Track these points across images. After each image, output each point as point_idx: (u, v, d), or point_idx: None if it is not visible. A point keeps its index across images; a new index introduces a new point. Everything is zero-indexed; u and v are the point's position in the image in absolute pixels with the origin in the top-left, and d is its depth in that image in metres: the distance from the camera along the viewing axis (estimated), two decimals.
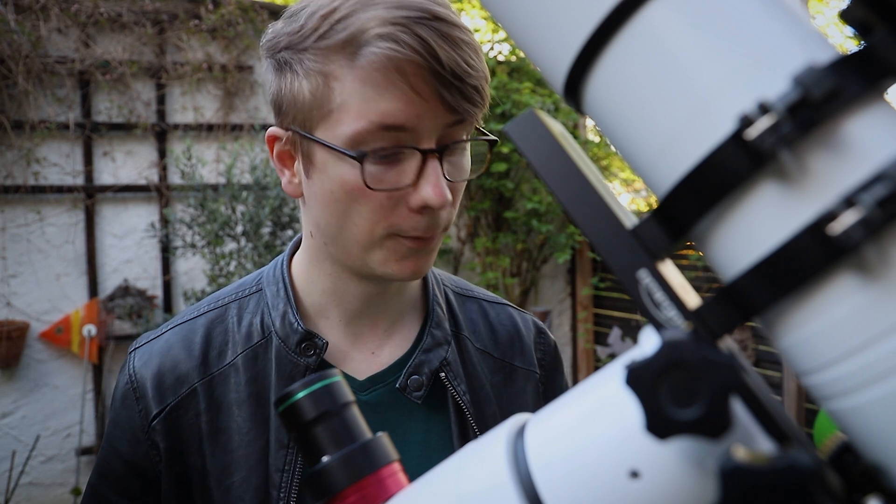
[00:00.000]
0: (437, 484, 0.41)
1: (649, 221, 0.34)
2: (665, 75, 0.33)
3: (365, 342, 0.81)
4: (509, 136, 0.38)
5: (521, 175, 4.40)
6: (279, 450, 0.73)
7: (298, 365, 0.75)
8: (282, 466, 0.73)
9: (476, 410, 0.79)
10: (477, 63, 0.69)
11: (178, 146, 3.86)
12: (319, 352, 0.76)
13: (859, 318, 0.29)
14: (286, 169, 0.76)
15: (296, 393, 0.48)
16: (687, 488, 0.34)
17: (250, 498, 0.72)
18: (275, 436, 0.74)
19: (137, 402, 0.76)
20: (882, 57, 0.29)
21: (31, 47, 3.49)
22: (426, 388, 0.78)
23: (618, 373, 0.36)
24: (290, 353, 0.76)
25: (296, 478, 0.72)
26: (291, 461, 0.73)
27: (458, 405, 0.78)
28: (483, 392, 0.81)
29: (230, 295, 0.83)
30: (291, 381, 0.75)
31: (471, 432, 0.77)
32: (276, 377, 0.75)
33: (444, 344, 0.81)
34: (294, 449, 0.73)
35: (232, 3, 3.84)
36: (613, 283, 4.65)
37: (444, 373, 0.79)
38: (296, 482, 0.72)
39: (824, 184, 0.29)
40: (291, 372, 0.75)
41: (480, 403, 0.80)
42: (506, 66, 4.50)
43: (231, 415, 0.75)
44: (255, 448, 0.74)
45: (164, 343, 0.79)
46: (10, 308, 3.60)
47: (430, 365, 0.79)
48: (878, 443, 0.30)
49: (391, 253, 0.71)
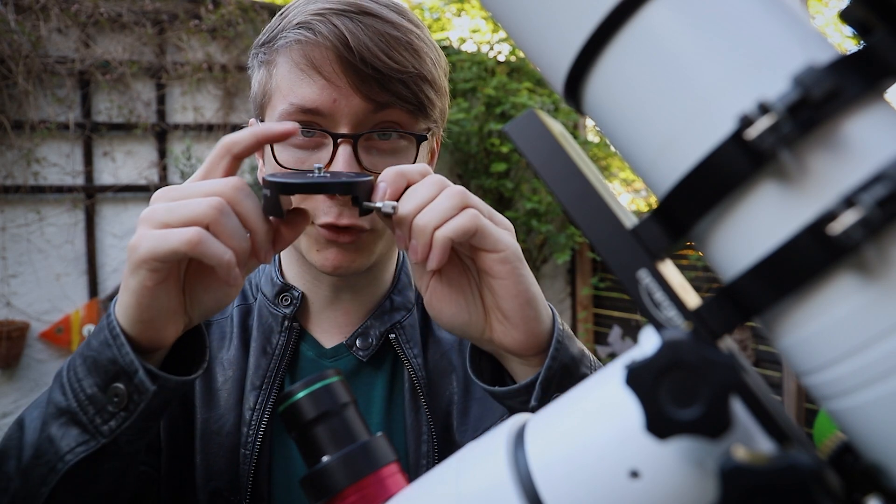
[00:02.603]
0: (437, 484, 0.42)
1: (649, 221, 0.34)
2: (665, 75, 0.33)
3: (339, 326, 0.84)
4: (509, 136, 0.38)
5: (520, 175, 4.41)
6: (252, 390, 0.79)
7: (276, 315, 0.82)
8: (253, 405, 0.78)
9: (428, 375, 0.81)
10: (406, 59, 0.72)
11: (178, 146, 3.86)
12: (296, 302, 0.82)
13: (859, 318, 0.29)
14: (260, 158, 0.83)
15: (296, 393, 0.48)
16: (687, 488, 0.34)
17: (226, 433, 0.78)
18: (250, 378, 0.79)
19: None
20: (882, 57, 0.29)
21: (31, 47, 3.49)
22: (374, 348, 0.81)
23: (618, 373, 0.36)
24: (269, 305, 0.83)
25: (264, 417, 0.77)
26: (263, 401, 0.78)
27: (408, 369, 0.81)
28: (444, 360, 0.83)
29: None
30: (270, 330, 0.82)
31: (419, 396, 0.80)
32: (257, 326, 0.82)
33: (401, 309, 0.84)
34: (266, 390, 0.78)
35: (232, 3, 3.84)
36: (613, 282, 4.65)
37: (394, 334, 0.82)
38: (264, 421, 0.77)
39: (824, 184, 0.29)
40: (270, 322, 0.82)
41: (437, 369, 0.82)
42: (506, 66, 4.50)
43: (219, 358, 0.81)
44: (235, 389, 0.79)
45: None
46: (10, 308, 3.60)
47: (379, 328, 0.82)
48: (878, 443, 0.30)
49: (313, 242, 0.76)
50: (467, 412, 0.80)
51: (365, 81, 0.70)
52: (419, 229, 0.58)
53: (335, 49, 0.69)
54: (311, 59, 0.70)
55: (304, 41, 0.70)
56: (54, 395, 0.62)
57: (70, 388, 0.61)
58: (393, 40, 0.71)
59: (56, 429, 0.61)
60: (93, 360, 0.60)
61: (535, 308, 0.63)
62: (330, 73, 0.70)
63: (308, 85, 0.71)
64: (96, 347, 0.60)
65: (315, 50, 0.70)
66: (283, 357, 0.80)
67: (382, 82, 0.70)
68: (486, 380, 0.68)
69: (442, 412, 0.80)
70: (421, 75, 0.73)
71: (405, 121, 0.74)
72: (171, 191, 0.57)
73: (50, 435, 0.61)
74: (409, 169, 0.61)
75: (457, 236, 0.58)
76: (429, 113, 0.76)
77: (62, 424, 0.61)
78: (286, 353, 0.80)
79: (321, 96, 0.70)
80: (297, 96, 0.71)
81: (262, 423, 0.77)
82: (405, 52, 0.72)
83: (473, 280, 0.65)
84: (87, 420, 0.60)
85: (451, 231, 0.58)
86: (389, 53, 0.70)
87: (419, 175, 0.61)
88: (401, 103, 0.72)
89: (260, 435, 0.77)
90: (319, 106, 0.71)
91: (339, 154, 0.71)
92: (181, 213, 0.55)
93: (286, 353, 0.80)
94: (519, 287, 0.61)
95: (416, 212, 0.59)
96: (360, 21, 0.70)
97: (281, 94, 0.73)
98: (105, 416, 0.59)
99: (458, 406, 0.81)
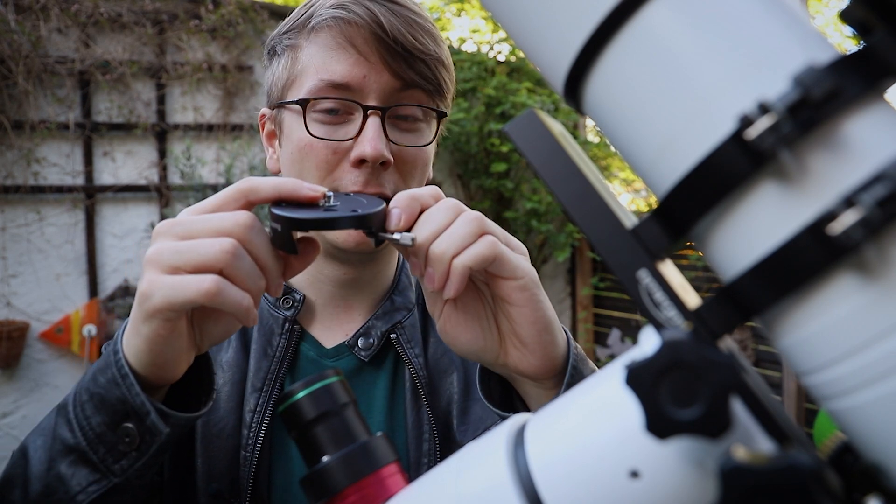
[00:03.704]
0: (437, 484, 0.41)
1: (649, 221, 0.34)
2: (665, 75, 0.33)
3: (341, 324, 0.85)
4: (509, 136, 0.37)
5: (520, 175, 4.41)
6: (252, 392, 0.79)
7: (277, 317, 0.82)
8: (253, 407, 0.78)
9: (429, 375, 0.81)
10: (428, 43, 0.76)
11: (177, 146, 3.86)
12: (297, 305, 0.82)
13: (859, 318, 0.29)
14: (270, 147, 0.85)
15: (296, 393, 0.48)
16: (687, 488, 0.34)
17: (227, 436, 0.78)
18: (251, 381, 0.79)
19: None
20: (882, 57, 0.29)
21: (31, 47, 3.49)
22: (375, 348, 0.82)
23: (618, 373, 0.36)
24: (270, 308, 0.83)
25: (265, 419, 0.77)
26: (263, 403, 0.78)
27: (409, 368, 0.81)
28: (445, 357, 0.83)
29: None
30: (271, 332, 0.82)
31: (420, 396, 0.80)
32: (258, 328, 0.82)
33: (402, 310, 0.85)
34: (267, 392, 0.78)
35: (232, 3, 3.84)
36: (613, 283, 4.65)
37: (395, 334, 0.82)
38: (265, 423, 0.77)
39: (824, 184, 0.29)
40: (270, 324, 0.82)
41: (438, 368, 0.82)
42: (506, 66, 4.49)
43: (219, 360, 0.81)
44: (235, 391, 0.79)
45: None
46: (11, 308, 3.60)
47: (381, 327, 0.82)
48: (878, 443, 0.30)
49: None
50: (467, 412, 0.80)
51: (395, 58, 0.74)
52: (436, 257, 0.56)
53: (370, 27, 0.73)
54: (346, 34, 0.74)
55: (342, 18, 0.74)
56: (60, 431, 0.61)
57: (78, 424, 0.59)
58: (417, 25, 0.76)
59: (65, 467, 0.60)
60: (100, 398, 0.58)
61: (551, 333, 0.62)
62: (364, 48, 0.73)
63: (340, 61, 0.74)
64: (104, 385, 0.58)
65: (350, 27, 0.74)
66: (283, 359, 0.80)
67: (409, 61, 0.75)
68: (496, 401, 0.68)
69: (443, 411, 0.80)
70: (440, 59, 0.78)
71: (425, 101, 0.78)
72: (177, 226, 0.55)
73: (59, 473, 0.60)
74: (421, 193, 0.60)
75: (476, 265, 0.56)
76: (444, 95, 0.80)
77: (71, 463, 0.59)
78: (287, 355, 0.80)
79: (352, 71, 0.74)
80: (328, 72, 0.74)
81: (263, 425, 0.77)
82: (428, 36, 0.77)
83: (488, 305, 0.64)
84: (97, 459, 0.58)
85: (470, 260, 0.56)
86: (415, 36, 0.75)
87: (432, 199, 0.60)
88: (423, 83, 0.76)
89: (261, 437, 0.77)
90: (350, 81, 0.74)
91: (368, 125, 0.74)
92: (192, 258, 0.52)
93: (287, 355, 0.80)
94: (537, 314, 0.61)
95: (432, 239, 0.57)
96: (388, 6, 0.75)
97: (311, 71, 0.75)
98: (116, 455, 0.58)
99: (458, 405, 0.81)
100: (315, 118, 0.75)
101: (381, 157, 0.73)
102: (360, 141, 0.74)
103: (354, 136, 0.74)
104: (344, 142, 0.74)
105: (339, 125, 0.75)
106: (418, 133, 0.78)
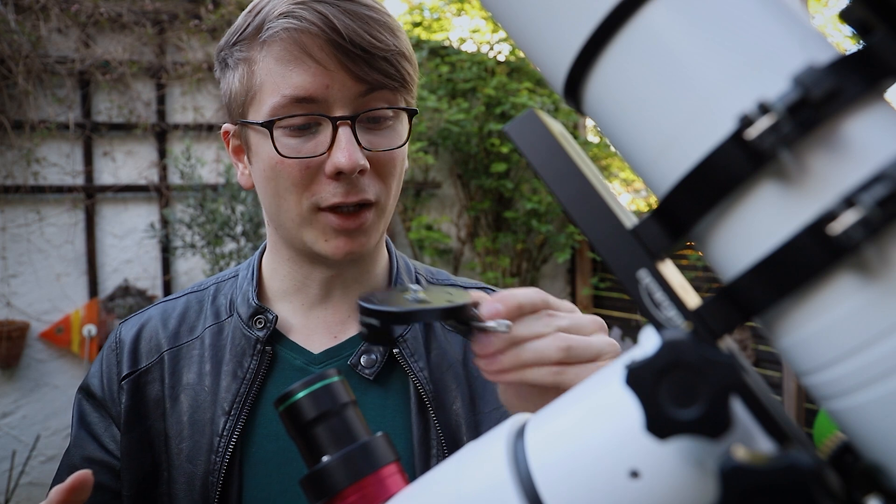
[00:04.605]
0: (436, 484, 0.41)
1: (649, 221, 0.34)
2: (665, 75, 0.33)
3: (328, 326, 0.83)
4: (509, 136, 0.37)
5: (520, 175, 4.41)
6: (221, 415, 0.78)
7: (250, 338, 0.81)
8: (220, 432, 0.77)
9: (435, 388, 0.79)
10: (387, 38, 0.73)
11: (177, 146, 3.86)
12: (270, 325, 0.81)
13: (859, 318, 0.29)
14: (240, 162, 0.83)
15: (296, 393, 0.48)
16: (687, 488, 0.34)
17: (197, 462, 0.77)
18: (220, 403, 0.79)
19: (117, 356, 0.85)
20: (882, 57, 0.29)
21: (31, 47, 3.49)
22: (379, 365, 0.80)
23: (618, 373, 0.36)
24: (243, 327, 0.81)
25: (231, 443, 0.76)
26: (231, 427, 0.77)
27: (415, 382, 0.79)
28: (450, 372, 0.81)
29: (212, 280, 0.90)
30: (243, 353, 0.80)
31: (427, 410, 0.78)
32: (230, 349, 0.81)
33: None
34: (234, 416, 0.77)
35: (232, 3, 3.84)
36: (613, 283, 4.65)
37: (398, 349, 0.80)
38: (230, 448, 0.76)
39: (824, 184, 0.29)
40: (243, 344, 0.81)
41: (442, 382, 0.80)
42: (506, 67, 4.49)
43: (190, 383, 0.81)
44: (206, 416, 0.79)
45: (147, 316, 0.88)
46: (10, 308, 3.60)
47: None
48: (878, 443, 0.30)
49: (321, 231, 0.75)
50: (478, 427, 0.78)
51: (355, 62, 0.71)
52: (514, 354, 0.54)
53: (324, 33, 0.70)
54: (301, 45, 0.71)
55: (293, 28, 0.70)
56: None
57: None
58: (372, 21, 0.73)
59: None
60: None
61: None
62: (321, 56, 0.71)
63: (300, 73, 0.71)
64: None
65: (304, 36, 0.70)
66: (253, 382, 0.79)
67: (370, 62, 0.72)
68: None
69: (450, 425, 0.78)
70: (400, 52, 0.75)
71: (392, 99, 0.76)
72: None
73: None
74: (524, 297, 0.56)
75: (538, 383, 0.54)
76: (410, 88, 0.78)
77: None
78: (257, 378, 0.79)
79: (314, 83, 0.71)
80: (289, 87, 0.71)
81: (228, 450, 0.76)
82: (384, 31, 0.74)
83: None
84: None
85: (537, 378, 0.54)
86: (372, 33, 0.72)
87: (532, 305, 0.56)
88: (388, 82, 0.74)
89: (226, 461, 0.76)
90: (313, 93, 0.71)
91: (339, 136, 0.72)
92: None
93: (257, 378, 0.79)
94: None
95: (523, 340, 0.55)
96: (339, 5, 0.72)
97: (270, 87, 0.72)
98: None
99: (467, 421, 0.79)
100: (283, 134, 0.73)
101: (357, 167, 0.71)
102: (333, 153, 0.72)
103: (327, 148, 0.72)
104: (316, 157, 0.72)
105: (308, 138, 0.73)
106: (390, 131, 0.76)
